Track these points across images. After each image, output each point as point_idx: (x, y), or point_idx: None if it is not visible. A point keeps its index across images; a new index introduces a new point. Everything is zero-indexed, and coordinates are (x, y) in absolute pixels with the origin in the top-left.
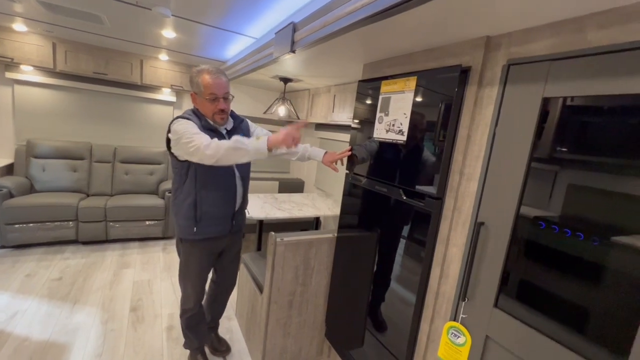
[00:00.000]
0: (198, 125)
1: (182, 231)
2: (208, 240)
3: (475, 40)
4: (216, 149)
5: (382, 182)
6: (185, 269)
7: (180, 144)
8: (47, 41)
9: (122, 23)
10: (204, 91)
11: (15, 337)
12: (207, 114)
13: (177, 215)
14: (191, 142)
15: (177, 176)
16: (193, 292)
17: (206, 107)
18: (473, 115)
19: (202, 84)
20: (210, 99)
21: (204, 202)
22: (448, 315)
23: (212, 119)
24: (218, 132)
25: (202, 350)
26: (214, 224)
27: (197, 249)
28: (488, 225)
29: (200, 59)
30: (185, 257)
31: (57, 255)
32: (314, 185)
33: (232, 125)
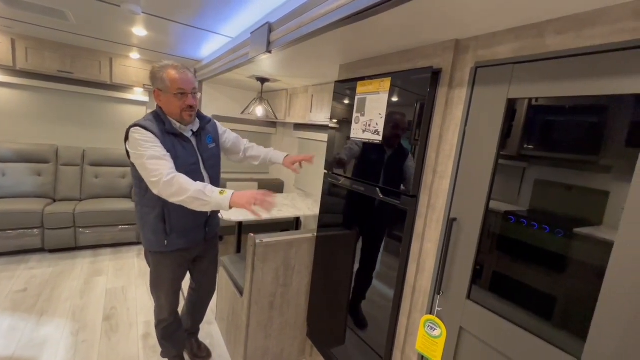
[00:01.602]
0: (161, 131)
1: (151, 245)
2: (180, 251)
3: (445, 43)
4: (177, 192)
5: (360, 182)
6: (157, 280)
7: (140, 166)
8: (5, 37)
9: (89, 20)
10: (170, 86)
11: None
12: (173, 111)
13: (143, 228)
14: (154, 172)
15: (138, 188)
16: (167, 303)
17: (173, 104)
18: (444, 115)
19: (167, 79)
20: (177, 95)
21: (173, 214)
22: (425, 309)
23: (179, 116)
24: (183, 137)
25: (181, 358)
26: (186, 235)
27: (168, 260)
28: (460, 221)
29: (174, 58)
30: (155, 267)
31: (21, 265)
32: (293, 186)
33: (199, 126)
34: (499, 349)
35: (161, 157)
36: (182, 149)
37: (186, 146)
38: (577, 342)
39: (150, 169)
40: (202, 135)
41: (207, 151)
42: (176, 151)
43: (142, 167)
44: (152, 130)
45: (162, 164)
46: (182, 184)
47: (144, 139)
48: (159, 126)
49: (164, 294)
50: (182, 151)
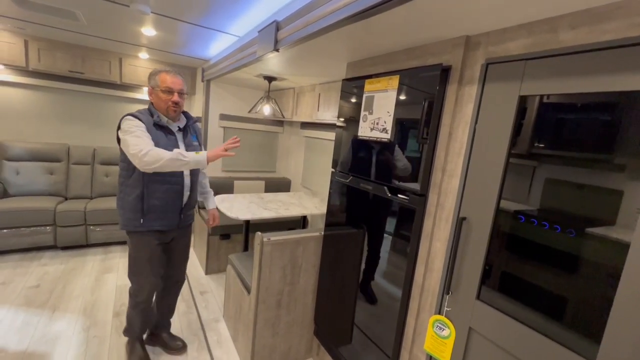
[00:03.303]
0: (149, 123)
1: (128, 223)
2: (155, 232)
3: (455, 40)
4: (155, 157)
5: (367, 180)
6: (137, 261)
7: (124, 141)
8: (18, 38)
9: (99, 20)
10: (160, 85)
11: None
12: (161, 106)
13: (123, 208)
14: (135, 146)
15: (124, 170)
16: (146, 283)
17: (161, 100)
18: (454, 113)
19: (159, 79)
20: (165, 92)
21: (151, 196)
22: (433, 309)
23: (165, 111)
24: (169, 130)
25: (141, 339)
26: (161, 217)
27: (145, 240)
28: (470, 220)
29: (183, 57)
30: (134, 249)
31: (34, 261)
32: (300, 184)
33: (185, 123)
34: (509, 350)
35: (144, 137)
36: (166, 139)
37: (170, 138)
38: (591, 344)
39: (132, 143)
40: (188, 132)
41: (191, 146)
42: (160, 141)
43: (125, 142)
44: (142, 119)
45: (143, 141)
46: (159, 152)
47: (135, 124)
48: (148, 118)
49: (143, 275)
50: (165, 141)
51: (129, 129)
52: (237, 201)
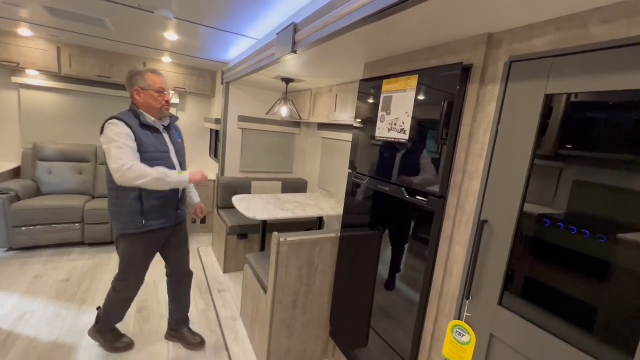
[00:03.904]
0: (135, 125)
1: (129, 226)
2: (154, 232)
3: (476, 38)
4: (139, 174)
5: (385, 181)
6: (130, 262)
7: (107, 151)
8: (51, 46)
9: (125, 26)
10: (152, 85)
11: (24, 338)
12: (154, 106)
13: (119, 213)
14: (118, 160)
15: None
16: (137, 281)
17: (154, 100)
18: (475, 113)
19: (150, 79)
20: (159, 92)
21: (149, 196)
22: (452, 314)
23: (159, 110)
24: (155, 129)
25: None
26: (161, 215)
27: (143, 241)
28: (491, 224)
29: (203, 61)
30: (129, 250)
31: (64, 257)
32: (317, 186)
33: (169, 122)
34: (533, 359)
35: (127, 149)
36: (155, 139)
37: (158, 137)
38: (623, 357)
39: (114, 156)
40: (172, 131)
41: (176, 143)
42: (149, 140)
43: (107, 152)
44: (129, 123)
45: (126, 154)
46: (143, 169)
47: (119, 130)
48: (134, 120)
49: (134, 275)
50: (154, 140)
51: (113, 136)
52: (254, 201)
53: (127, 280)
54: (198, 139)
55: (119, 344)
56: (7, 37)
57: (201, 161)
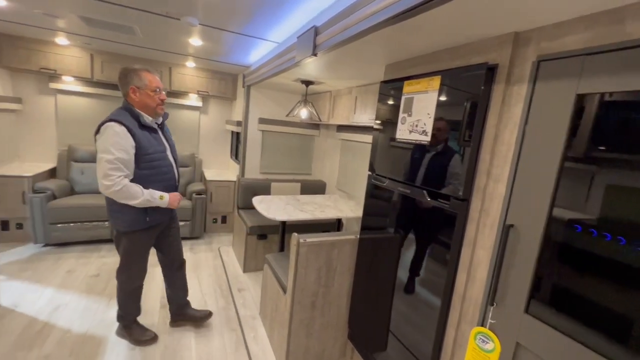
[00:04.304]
0: (134, 126)
1: (133, 224)
2: (154, 227)
3: (502, 37)
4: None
5: (405, 184)
6: (131, 257)
7: (100, 161)
8: (85, 53)
9: (153, 33)
10: (148, 85)
11: (59, 329)
12: (150, 105)
13: (122, 212)
14: (110, 177)
15: None
16: (140, 271)
17: (150, 99)
18: (501, 114)
19: (146, 78)
20: (155, 92)
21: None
22: (475, 320)
23: (154, 110)
24: (152, 129)
25: (137, 321)
26: (160, 213)
27: (145, 236)
28: (518, 228)
29: (225, 65)
30: (131, 246)
31: (95, 253)
32: (335, 187)
33: (161, 120)
34: None
35: (119, 164)
36: (154, 140)
37: (156, 137)
38: None
39: (105, 172)
40: (164, 128)
41: (170, 140)
42: (149, 142)
43: (99, 161)
44: (129, 125)
45: (118, 170)
46: (130, 194)
47: (118, 138)
48: (132, 121)
49: (137, 266)
50: (153, 141)
51: (109, 146)
52: (274, 202)
53: (131, 272)
54: (219, 141)
55: (144, 337)
56: (46, 46)
57: (222, 162)
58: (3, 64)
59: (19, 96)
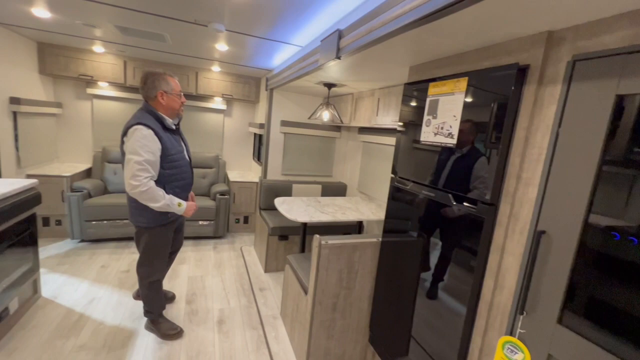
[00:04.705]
0: (159, 129)
1: (155, 220)
2: (173, 222)
3: (534, 37)
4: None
5: (430, 187)
6: (154, 251)
7: (129, 162)
8: (119, 60)
9: (182, 40)
10: (174, 89)
11: (93, 321)
12: (174, 108)
13: (145, 210)
14: (137, 177)
15: None
16: (161, 265)
17: (175, 103)
18: (532, 116)
19: (172, 83)
20: (178, 95)
21: (174, 193)
22: (503, 329)
23: (176, 112)
24: (173, 131)
25: (162, 314)
26: None
27: (165, 231)
28: (550, 234)
29: (249, 69)
30: (152, 241)
31: (126, 249)
32: (356, 189)
33: (178, 122)
34: None
35: (147, 165)
36: (174, 141)
37: (176, 138)
38: None
39: (133, 173)
40: (180, 130)
41: (184, 140)
42: (171, 143)
43: (128, 163)
44: (155, 128)
45: (147, 172)
46: (154, 196)
47: (146, 141)
48: (157, 124)
49: (159, 260)
50: (174, 142)
51: (137, 148)
52: (295, 204)
53: (153, 266)
54: (242, 143)
55: (171, 331)
56: (84, 53)
57: (245, 164)
58: (46, 72)
59: (60, 101)
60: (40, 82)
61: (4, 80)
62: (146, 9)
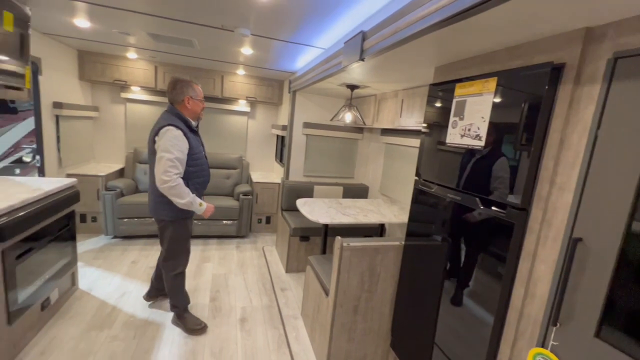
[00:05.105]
0: (186, 130)
1: (179, 214)
2: (192, 215)
3: (571, 34)
4: (176, 194)
5: (456, 190)
6: (178, 243)
7: (160, 159)
8: (150, 65)
9: (209, 45)
10: (198, 94)
11: (125, 314)
12: (197, 112)
13: (170, 202)
14: (168, 173)
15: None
16: (186, 256)
17: (198, 107)
18: (567, 118)
19: (197, 89)
20: (201, 100)
21: (195, 189)
22: (534, 340)
23: (198, 115)
24: (195, 132)
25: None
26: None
27: (188, 223)
28: (587, 242)
29: (272, 72)
30: (177, 233)
31: (154, 246)
32: (378, 191)
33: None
34: None
35: (177, 162)
36: (197, 142)
37: (198, 139)
38: None
39: (165, 169)
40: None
41: (202, 141)
42: (195, 143)
43: (160, 160)
44: (183, 130)
45: (177, 169)
46: (181, 192)
47: (177, 141)
48: (184, 126)
49: (185, 251)
50: (197, 142)
51: (169, 147)
52: (317, 205)
53: (178, 259)
54: (265, 145)
55: (196, 327)
56: (119, 60)
57: (268, 165)
58: (85, 77)
59: (97, 105)
60: (80, 87)
61: (48, 86)
62: (176, 16)
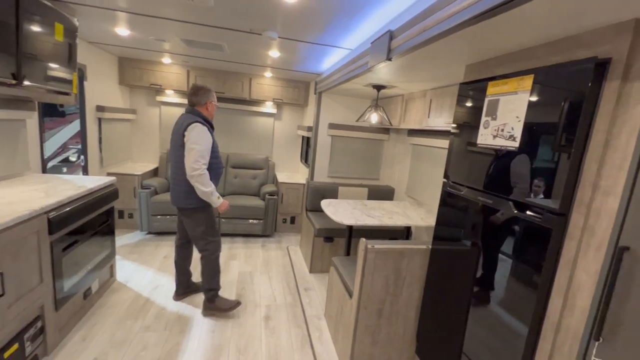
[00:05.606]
0: (209, 127)
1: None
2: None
3: (618, 26)
4: (202, 183)
5: (488, 193)
6: (213, 225)
7: (190, 151)
8: (183, 69)
9: (238, 49)
10: (214, 99)
11: (157, 306)
12: (213, 114)
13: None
14: (198, 163)
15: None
16: (219, 237)
17: (214, 110)
18: (614, 116)
19: (215, 96)
20: (216, 105)
21: (214, 177)
22: (573, 355)
23: (213, 116)
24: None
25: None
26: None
27: (212, 209)
28: (635, 252)
29: (299, 73)
30: (210, 217)
31: None
32: (404, 193)
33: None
34: None
35: (206, 153)
36: (215, 139)
37: (215, 136)
38: None
39: (196, 158)
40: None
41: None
42: (214, 139)
43: (192, 150)
44: (207, 126)
45: (204, 159)
46: (206, 181)
47: (205, 135)
48: (208, 124)
49: (218, 233)
50: (215, 140)
51: (199, 139)
52: (341, 206)
53: (216, 241)
54: (291, 146)
55: (229, 305)
56: (154, 65)
57: (293, 166)
58: (125, 82)
59: (134, 108)
60: (120, 91)
61: (92, 91)
62: (208, 22)
